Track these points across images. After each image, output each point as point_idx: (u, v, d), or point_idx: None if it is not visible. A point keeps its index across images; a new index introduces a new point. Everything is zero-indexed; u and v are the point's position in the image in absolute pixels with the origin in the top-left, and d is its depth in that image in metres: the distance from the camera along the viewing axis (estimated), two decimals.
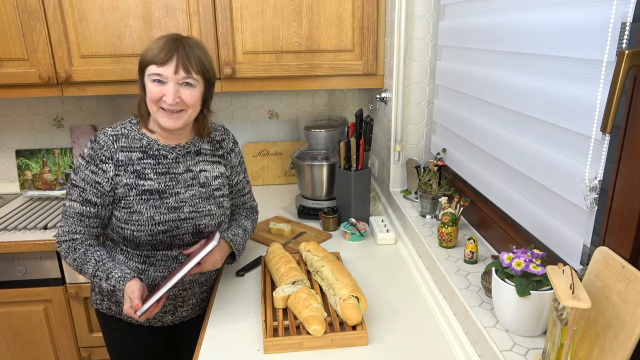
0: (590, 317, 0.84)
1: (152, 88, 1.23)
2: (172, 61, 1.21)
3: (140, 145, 1.31)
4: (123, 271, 1.23)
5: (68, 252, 1.29)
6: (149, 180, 1.29)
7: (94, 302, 1.44)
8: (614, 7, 0.81)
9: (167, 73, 1.21)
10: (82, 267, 1.27)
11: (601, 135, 0.87)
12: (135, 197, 1.28)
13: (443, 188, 1.61)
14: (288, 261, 1.43)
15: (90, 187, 1.26)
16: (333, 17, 1.88)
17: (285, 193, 2.29)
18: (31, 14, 1.79)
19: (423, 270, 1.44)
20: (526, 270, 0.94)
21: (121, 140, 1.29)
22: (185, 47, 1.24)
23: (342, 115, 2.37)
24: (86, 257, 1.27)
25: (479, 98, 1.38)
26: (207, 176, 1.39)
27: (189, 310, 1.45)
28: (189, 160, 1.36)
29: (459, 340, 1.13)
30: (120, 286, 1.21)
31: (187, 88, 1.24)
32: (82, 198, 1.26)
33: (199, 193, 1.36)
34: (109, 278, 1.23)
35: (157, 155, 1.32)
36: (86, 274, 1.28)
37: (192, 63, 1.23)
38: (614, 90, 0.73)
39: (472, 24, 1.40)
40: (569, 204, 0.99)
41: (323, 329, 1.16)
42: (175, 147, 1.34)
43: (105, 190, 1.26)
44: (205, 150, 1.40)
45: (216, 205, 1.38)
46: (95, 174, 1.26)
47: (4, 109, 2.29)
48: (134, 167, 1.29)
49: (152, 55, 1.22)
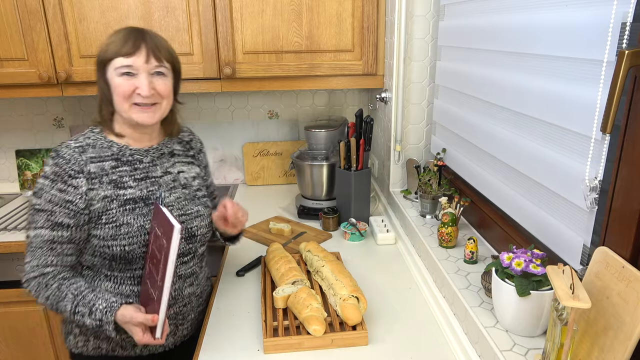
0: (590, 317, 0.84)
1: (122, 82, 1.12)
2: (142, 50, 1.12)
3: (111, 153, 1.19)
4: (108, 300, 1.08)
5: (39, 291, 1.12)
6: (130, 189, 1.18)
7: (74, 347, 1.24)
8: (614, 7, 0.81)
9: (138, 63, 1.12)
10: (58, 305, 1.11)
11: (601, 135, 0.87)
12: (118, 209, 1.15)
13: (443, 188, 1.61)
14: (288, 261, 1.43)
15: (60, 208, 1.10)
16: (333, 17, 1.88)
17: (285, 193, 2.29)
18: (31, 14, 1.79)
19: (423, 270, 1.44)
20: (526, 270, 0.94)
21: (88, 151, 1.16)
22: (150, 35, 1.16)
23: (342, 115, 2.37)
24: (61, 292, 1.11)
25: (479, 98, 1.38)
26: (186, 177, 1.30)
27: (189, 327, 1.33)
28: (165, 162, 1.27)
29: (459, 340, 1.13)
30: (108, 318, 1.06)
31: (159, 78, 1.16)
32: (51, 222, 1.10)
33: (184, 195, 1.27)
34: (93, 312, 1.07)
35: (132, 161, 1.21)
36: (64, 313, 1.11)
37: (161, 51, 1.15)
38: (614, 90, 0.73)
39: (472, 24, 1.40)
40: (569, 204, 0.99)
41: (323, 329, 1.16)
42: (149, 150, 1.24)
43: (79, 209, 1.11)
44: (178, 151, 1.33)
45: (202, 205, 1.30)
46: (64, 192, 1.11)
47: (4, 109, 2.29)
48: (110, 177, 1.16)
49: (115, 48, 1.12)
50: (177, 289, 1.25)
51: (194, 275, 1.30)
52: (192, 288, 1.30)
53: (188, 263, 1.27)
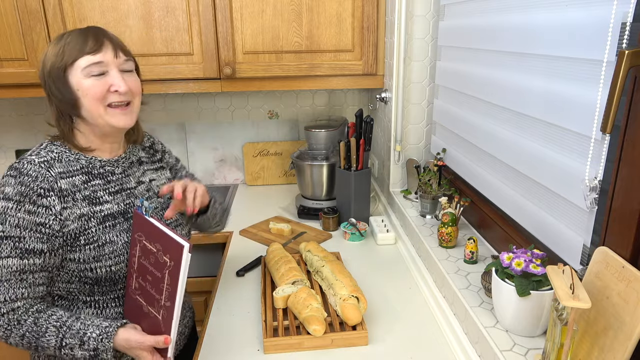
0: (590, 317, 0.84)
1: (93, 84, 1.01)
2: (107, 45, 1.03)
3: (79, 166, 1.07)
4: (100, 326, 0.98)
5: (10, 329, 0.97)
6: (106, 204, 1.08)
7: None
8: (614, 7, 0.81)
9: (107, 58, 1.02)
10: (38, 341, 0.97)
11: (601, 135, 0.87)
12: (97, 227, 1.05)
13: (443, 188, 1.61)
14: (288, 261, 1.43)
15: (30, 232, 0.97)
16: (333, 17, 1.88)
17: (285, 193, 2.29)
18: (31, 14, 1.78)
19: (423, 270, 1.44)
20: (526, 270, 0.94)
21: (56, 166, 1.03)
22: (107, 31, 1.07)
23: (342, 115, 2.37)
24: (39, 327, 0.97)
25: (479, 98, 1.38)
26: (158, 185, 1.23)
27: (182, 339, 1.27)
28: (135, 171, 1.18)
29: (459, 340, 1.13)
30: (105, 346, 0.96)
31: (129, 75, 1.07)
32: (19, 250, 0.96)
33: (160, 204, 1.20)
34: (85, 342, 0.96)
35: (104, 173, 1.10)
36: (47, 349, 0.97)
37: (123, 45, 1.07)
38: (614, 90, 0.73)
39: (472, 24, 1.40)
40: (569, 204, 0.99)
41: (323, 329, 1.16)
42: (119, 160, 1.14)
43: (54, 231, 0.99)
44: (144, 157, 1.24)
45: (179, 213, 1.21)
46: (34, 214, 0.97)
47: (4, 109, 2.29)
48: (83, 193, 1.05)
49: (76, 49, 1.01)
50: None
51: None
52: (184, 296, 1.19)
53: None
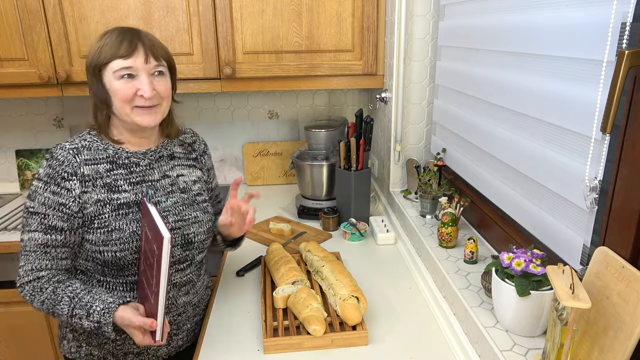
0: (590, 317, 0.84)
1: (122, 86, 1.09)
2: (139, 50, 1.09)
3: (106, 155, 1.15)
4: (105, 302, 1.05)
5: (34, 295, 1.09)
6: (124, 193, 1.14)
7: (68, 352, 1.23)
8: (614, 7, 0.81)
9: (137, 64, 1.09)
10: (55, 308, 1.07)
11: (601, 135, 0.87)
12: (111, 214, 1.12)
13: (443, 188, 1.61)
14: (288, 261, 1.43)
15: (53, 210, 1.08)
16: (333, 17, 1.88)
17: (285, 193, 2.29)
18: (31, 14, 1.78)
19: (423, 270, 1.44)
20: (526, 270, 0.94)
21: (83, 153, 1.13)
22: (145, 34, 1.12)
23: (342, 115, 2.37)
24: (56, 296, 1.07)
25: (479, 98, 1.37)
26: (185, 181, 1.26)
27: (185, 337, 1.29)
28: (163, 165, 1.23)
29: (459, 340, 1.13)
30: (106, 320, 1.03)
31: (160, 78, 1.13)
32: (44, 226, 1.08)
33: (182, 200, 1.23)
34: (90, 314, 1.04)
35: (128, 164, 1.17)
36: (62, 316, 1.07)
37: (158, 50, 1.13)
38: (614, 90, 0.73)
39: (472, 24, 1.40)
40: (569, 204, 0.99)
41: (323, 329, 1.16)
42: (147, 153, 1.21)
43: (73, 212, 1.09)
44: (179, 153, 1.29)
45: (201, 211, 1.25)
46: (57, 194, 1.08)
47: (4, 109, 2.29)
48: (104, 181, 1.13)
49: (111, 50, 1.08)
50: (170, 298, 1.21)
51: (190, 283, 1.26)
52: (187, 297, 1.26)
53: (184, 271, 1.23)
